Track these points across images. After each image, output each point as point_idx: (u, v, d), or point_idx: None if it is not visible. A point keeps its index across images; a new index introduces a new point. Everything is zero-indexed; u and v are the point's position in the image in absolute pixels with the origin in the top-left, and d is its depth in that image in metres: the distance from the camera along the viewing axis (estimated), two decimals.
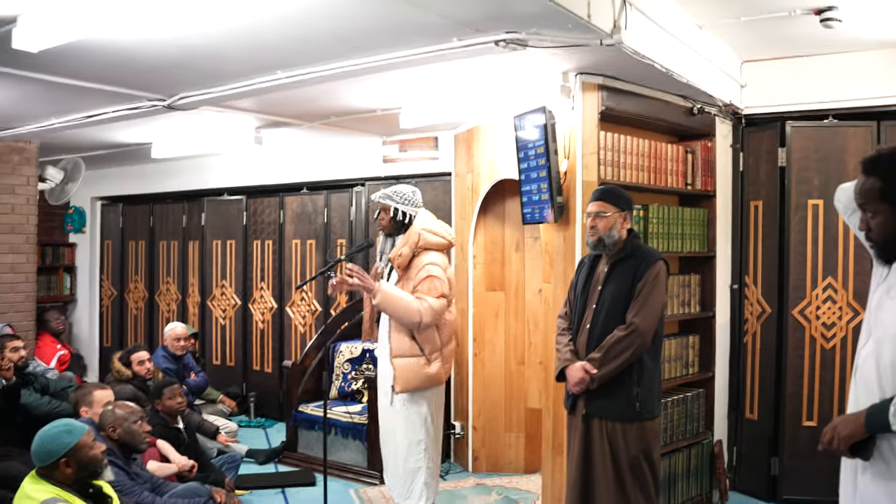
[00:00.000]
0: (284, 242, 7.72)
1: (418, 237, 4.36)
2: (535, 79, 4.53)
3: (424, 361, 4.36)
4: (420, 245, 4.37)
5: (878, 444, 2.29)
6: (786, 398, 4.98)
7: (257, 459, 6.18)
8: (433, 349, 4.39)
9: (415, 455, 4.45)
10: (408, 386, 4.35)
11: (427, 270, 4.33)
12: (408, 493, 4.49)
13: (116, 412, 3.95)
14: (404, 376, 4.35)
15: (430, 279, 4.32)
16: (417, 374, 4.35)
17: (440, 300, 4.30)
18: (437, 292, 4.28)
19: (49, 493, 3.03)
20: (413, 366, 4.35)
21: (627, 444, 3.52)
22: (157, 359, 6.47)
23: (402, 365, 4.35)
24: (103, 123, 5.82)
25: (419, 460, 4.45)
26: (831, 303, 4.89)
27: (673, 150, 4.78)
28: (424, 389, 4.42)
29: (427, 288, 4.29)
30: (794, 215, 4.95)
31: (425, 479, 4.45)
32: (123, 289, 9.17)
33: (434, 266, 4.35)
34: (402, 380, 4.35)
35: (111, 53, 4.07)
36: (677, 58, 4.21)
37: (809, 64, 4.91)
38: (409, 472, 4.47)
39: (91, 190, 9.12)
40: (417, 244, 4.36)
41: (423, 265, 4.35)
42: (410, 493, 4.48)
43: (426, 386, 4.40)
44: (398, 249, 4.38)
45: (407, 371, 4.35)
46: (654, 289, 3.49)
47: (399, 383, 4.36)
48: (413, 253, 4.37)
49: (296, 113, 5.82)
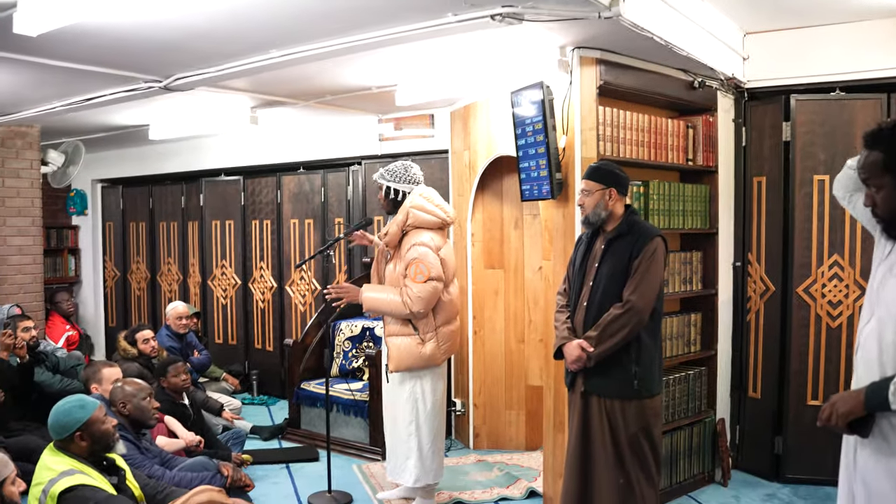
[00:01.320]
0: (283, 222, 7.69)
1: (406, 215, 4.33)
2: (531, 54, 4.45)
3: (418, 341, 4.35)
4: (409, 223, 4.34)
5: (878, 421, 2.27)
6: (790, 376, 4.93)
7: (261, 436, 6.22)
8: (427, 328, 4.37)
9: (406, 435, 4.47)
10: (401, 365, 4.36)
11: (413, 252, 4.30)
12: (400, 471, 4.53)
13: (126, 388, 4.04)
14: (398, 355, 4.36)
15: (416, 263, 4.28)
16: (410, 354, 4.35)
17: (427, 284, 4.25)
18: (422, 276, 4.25)
19: (67, 465, 3.15)
20: (406, 345, 4.35)
21: (626, 421, 3.49)
22: (161, 337, 6.54)
23: (397, 344, 4.36)
24: (102, 106, 5.83)
25: (410, 441, 4.46)
26: (837, 280, 4.82)
27: (673, 125, 4.70)
28: (419, 370, 4.40)
29: (413, 272, 4.27)
30: (799, 191, 4.86)
31: (416, 461, 4.45)
32: (126, 270, 9.20)
33: (421, 247, 4.30)
34: (395, 359, 4.37)
35: (108, 36, 4.08)
36: (677, 30, 4.12)
37: (815, 35, 4.78)
38: (402, 451, 4.49)
39: (91, 172, 9.14)
40: (406, 222, 4.33)
41: (410, 245, 4.32)
42: (402, 472, 4.52)
43: (420, 366, 4.39)
44: (387, 228, 4.36)
45: (400, 350, 4.35)
46: (651, 266, 3.43)
47: (392, 362, 4.38)
48: (402, 231, 4.33)
49: (291, 92, 5.76)
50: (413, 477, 4.47)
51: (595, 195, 3.56)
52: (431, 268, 4.27)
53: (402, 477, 4.51)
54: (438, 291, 4.33)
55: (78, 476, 3.09)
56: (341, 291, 4.43)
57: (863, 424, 2.30)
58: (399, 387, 4.47)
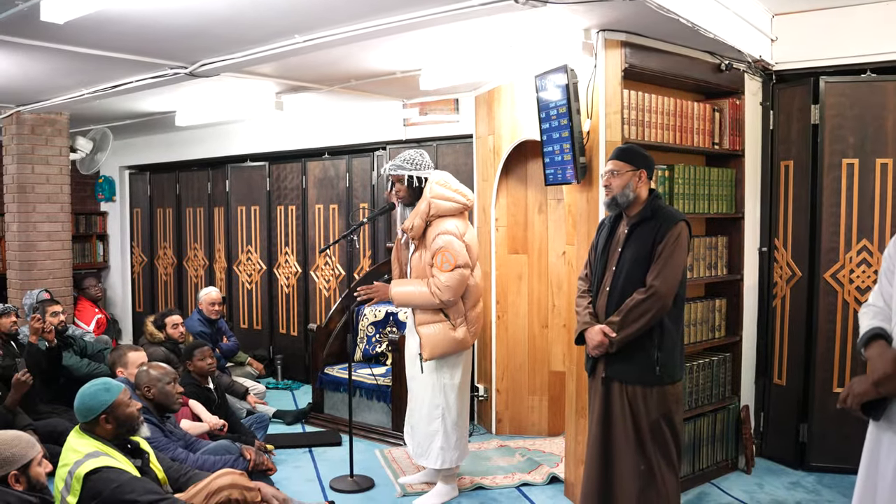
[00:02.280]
0: (308, 207, 7.71)
1: (428, 206, 4.33)
2: (556, 37, 4.41)
3: (450, 326, 4.37)
4: (431, 214, 4.33)
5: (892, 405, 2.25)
6: (816, 363, 4.87)
7: (285, 420, 6.26)
8: (457, 314, 4.39)
9: (433, 419, 4.49)
10: (435, 352, 4.35)
11: (439, 242, 4.30)
12: (425, 453, 4.53)
13: (151, 373, 4.09)
14: (431, 343, 4.35)
15: (442, 252, 4.29)
16: (444, 340, 4.36)
17: (454, 272, 4.26)
18: (449, 265, 4.26)
19: (92, 447, 3.19)
20: (439, 332, 4.35)
21: (648, 408, 3.46)
22: (192, 322, 6.62)
23: (429, 333, 4.35)
24: (129, 93, 5.91)
25: (436, 424, 4.48)
26: (866, 266, 4.75)
27: (699, 108, 4.65)
28: (451, 355, 4.41)
29: (440, 262, 4.27)
30: (828, 175, 4.79)
31: (441, 444, 4.47)
32: (153, 255, 9.28)
33: (447, 235, 4.31)
34: (428, 346, 4.35)
35: (133, 23, 4.14)
36: (704, 12, 4.06)
37: (845, 15, 4.67)
38: (429, 434, 4.50)
39: (119, 159, 9.26)
40: (428, 213, 4.33)
41: (435, 235, 4.32)
42: (428, 454, 4.52)
43: (453, 350, 4.41)
44: (410, 221, 4.36)
45: (433, 338, 4.35)
46: (675, 251, 3.39)
47: (426, 350, 4.36)
48: (426, 223, 4.33)
49: (316, 77, 5.76)
50: (440, 460, 4.48)
51: (625, 176, 3.51)
52: (458, 255, 4.28)
53: (428, 460, 4.53)
54: (466, 279, 4.33)
55: (103, 458, 3.13)
56: (370, 291, 4.44)
57: (876, 406, 2.28)
58: (431, 373, 4.48)
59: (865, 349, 2.38)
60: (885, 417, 2.28)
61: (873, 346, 2.35)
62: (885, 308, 2.45)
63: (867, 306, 2.53)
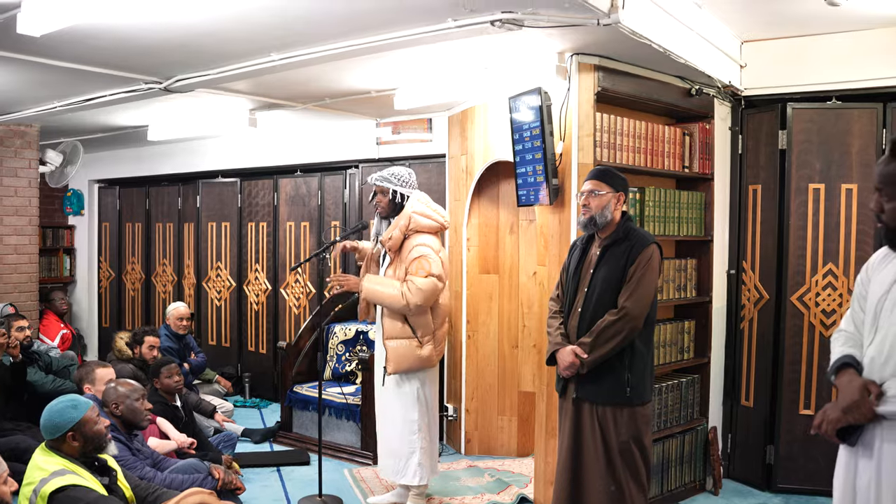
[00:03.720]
0: (279, 224, 7.68)
1: (408, 220, 4.38)
2: (530, 59, 4.46)
3: (417, 344, 4.41)
4: (410, 228, 4.39)
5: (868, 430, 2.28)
6: (783, 385, 4.93)
7: (253, 439, 6.20)
8: (426, 332, 4.43)
9: (409, 435, 4.49)
10: (399, 367, 4.40)
11: (416, 252, 4.36)
12: (403, 470, 4.53)
13: (119, 389, 4.04)
14: (396, 358, 4.39)
15: (419, 260, 4.35)
16: (409, 356, 4.40)
17: (428, 279, 4.31)
18: (424, 271, 4.32)
19: (58, 465, 3.14)
20: (405, 348, 4.40)
21: (618, 428, 3.48)
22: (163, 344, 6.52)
23: (395, 347, 4.39)
24: (102, 106, 5.87)
25: (413, 440, 4.49)
26: (831, 289, 4.82)
27: (670, 131, 4.72)
28: (415, 371, 4.44)
29: (415, 268, 4.34)
30: (795, 200, 4.87)
31: (419, 460, 4.48)
32: (121, 270, 9.18)
33: (424, 247, 4.38)
34: (393, 361, 4.40)
35: (110, 37, 4.13)
36: (675, 37, 4.13)
37: (812, 43, 4.79)
38: (404, 451, 4.50)
39: (88, 172, 9.15)
40: (408, 227, 4.38)
41: (413, 247, 4.38)
42: (405, 472, 4.52)
43: (417, 367, 4.45)
44: (389, 232, 4.39)
45: (399, 353, 4.39)
46: (647, 273, 3.43)
47: (391, 364, 4.40)
48: (404, 236, 4.39)
49: (290, 95, 5.77)
50: (417, 476, 4.49)
51: (605, 197, 3.54)
52: (434, 265, 4.35)
53: (406, 477, 4.52)
54: (438, 290, 4.39)
55: (69, 476, 3.08)
56: (342, 279, 4.50)
57: (851, 432, 2.31)
58: (398, 388, 4.50)
59: (836, 377, 2.42)
60: (861, 443, 2.31)
61: (843, 375, 2.39)
62: (855, 333, 2.49)
63: (839, 332, 2.56)
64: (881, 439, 2.25)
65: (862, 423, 2.28)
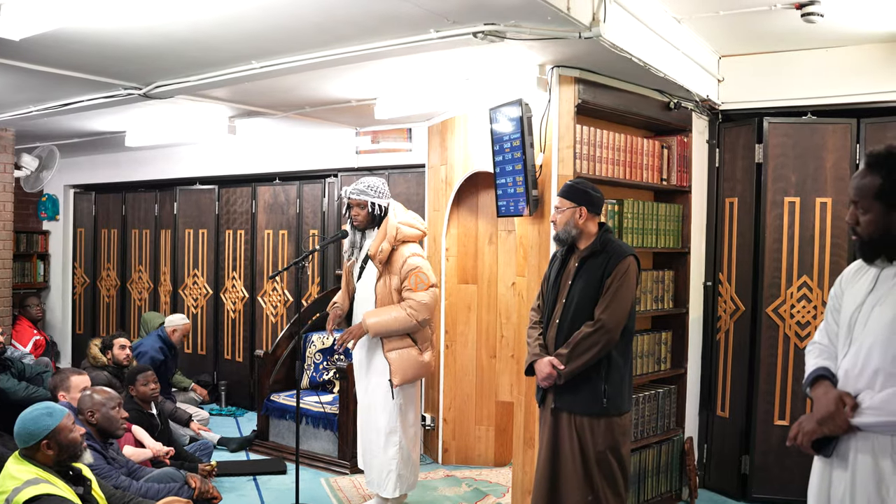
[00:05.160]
0: (257, 232, 7.66)
1: (396, 231, 4.39)
2: (511, 71, 4.49)
3: (417, 351, 4.46)
4: (398, 238, 4.39)
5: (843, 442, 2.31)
6: (758, 396, 4.98)
7: (229, 447, 6.16)
8: (424, 339, 4.51)
9: (391, 445, 4.48)
10: (406, 377, 4.40)
11: (411, 264, 4.39)
12: (384, 483, 4.50)
13: (95, 397, 4.00)
14: (401, 368, 4.39)
15: (416, 273, 4.38)
16: (413, 364, 4.42)
17: (429, 290, 4.37)
18: (424, 285, 4.36)
19: (31, 474, 3.08)
20: (407, 356, 4.41)
21: (595, 439, 3.50)
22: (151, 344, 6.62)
23: (397, 357, 4.39)
24: (79, 111, 5.84)
25: (394, 451, 4.47)
26: (806, 301, 4.88)
27: (649, 144, 4.76)
28: (417, 379, 4.50)
29: (414, 283, 4.35)
30: (770, 213, 4.93)
31: (399, 471, 4.47)
32: (96, 276, 9.10)
33: (417, 258, 4.42)
34: (399, 372, 4.39)
35: (90, 42, 4.10)
36: (655, 52, 4.18)
37: (788, 59, 4.87)
38: (386, 462, 4.49)
39: (64, 178, 9.06)
40: (396, 238, 4.37)
41: (405, 258, 4.40)
42: (387, 484, 4.49)
43: (421, 374, 4.50)
44: (377, 245, 4.39)
45: (402, 362, 4.40)
46: (623, 285, 3.45)
47: (398, 376, 4.39)
48: (392, 247, 4.37)
49: (270, 102, 5.76)
50: (398, 490, 4.48)
51: (566, 213, 3.58)
52: (430, 275, 4.41)
53: (386, 490, 4.49)
54: (438, 298, 4.47)
55: (43, 485, 3.03)
56: (348, 338, 4.44)
57: (826, 444, 2.34)
58: (387, 400, 4.47)
59: (811, 389, 2.45)
60: (836, 454, 2.34)
61: (818, 387, 2.41)
62: (829, 346, 2.52)
63: (813, 344, 2.59)
64: (855, 450, 2.28)
65: (837, 434, 2.31)
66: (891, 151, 2.31)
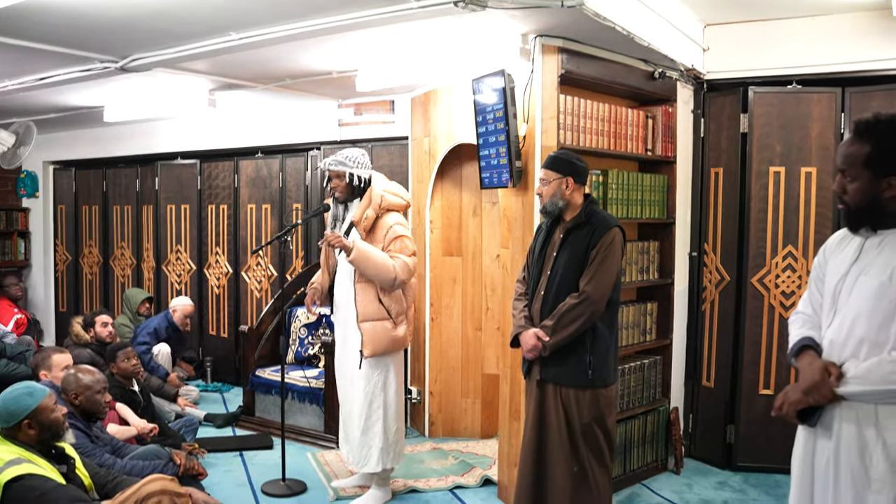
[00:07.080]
0: (239, 207, 7.59)
1: (381, 199, 4.37)
2: (493, 41, 4.42)
3: (391, 324, 4.40)
4: (383, 206, 4.37)
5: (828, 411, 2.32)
6: (743, 366, 4.99)
7: (215, 423, 6.15)
8: (399, 311, 4.44)
9: (375, 421, 4.45)
10: (377, 349, 4.35)
11: (395, 231, 4.37)
12: (365, 459, 4.48)
13: (81, 379, 3.95)
14: (372, 340, 4.35)
15: (401, 239, 4.37)
16: (385, 337, 4.37)
17: (412, 258, 4.36)
18: (408, 251, 4.35)
19: (13, 454, 3.05)
20: (381, 329, 4.37)
21: (580, 410, 3.49)
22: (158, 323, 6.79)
23: (370, 328, 4.35)
24: (56, 86, 5.73)
25: (378, 427, 4.45)
26: (791, 271, 4.89)
27: (633, 114, 4.72)
28: (389, 353, 4.44)
29: (399, 247, 4.35)
30: (755, 183, 4.91)
31: (381, 446, 4.44)
32: (78, 254, 9.01)
33: (401, 226, 4.40)
34: (370, 343, 4.34)
35: (62, 13, 4.00)
36: (639, 20, 4.13)
37: (774, 28, 4.83)
38: (367, 439, 4.46)
39: (43, 154, 8.93)
40: (381, 206, 4.35)
41: (389, 226, 4.37)
42: (368, 460, 4.47)
43: (393, 348, 4.43)
44: (362, 212, 4.35)
45: (375, 334, 4.35)
46: (608, 256, 3.43)
47: (368, 347, 4.34)
48: (377, 215, 4.34)
49: (250, 75, 5.68)
50: (380, 464, 4.46)
51: (552, 184, 3.55)
52: (412, 244, 4.40)
53: (368, 465, 4.47)
54: (415, 268, 4.42)
55: (25, 465, 3.00)
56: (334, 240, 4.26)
57: (811, 414, 2.35)
58: (367, 374, 4.44)
59: (796, 359, 2.44)
60: (820, 423, 2.35)
61: (803, 357, 2.41)
62: (813, 316, 2.51)
63: (796, 314, 2.59)
64: (840, 420, 2.29)
65: (822, 404, 2.31)
66: (879, 119, 2.28)
